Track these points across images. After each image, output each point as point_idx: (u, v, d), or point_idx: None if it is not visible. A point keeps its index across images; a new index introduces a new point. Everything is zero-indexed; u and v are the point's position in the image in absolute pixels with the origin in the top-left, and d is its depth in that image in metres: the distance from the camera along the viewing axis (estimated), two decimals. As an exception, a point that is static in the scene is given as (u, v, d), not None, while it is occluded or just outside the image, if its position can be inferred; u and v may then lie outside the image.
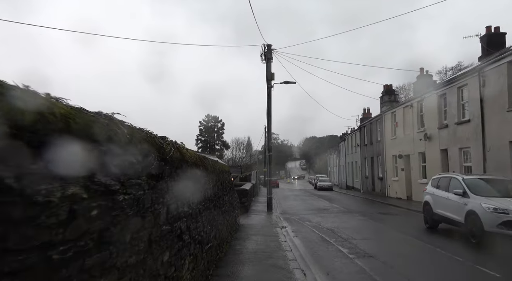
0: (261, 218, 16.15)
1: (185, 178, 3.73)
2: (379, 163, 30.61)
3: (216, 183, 6.75)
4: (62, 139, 1.52)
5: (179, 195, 3.57)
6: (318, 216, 15.99)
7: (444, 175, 12.24)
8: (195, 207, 4.54)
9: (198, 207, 4.76)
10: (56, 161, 1.49)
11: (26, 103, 1.34)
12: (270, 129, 19.72)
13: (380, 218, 15.20)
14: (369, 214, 16.91)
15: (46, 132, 1.45)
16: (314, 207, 21.23)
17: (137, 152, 2.41)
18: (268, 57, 19.66)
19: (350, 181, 43.86)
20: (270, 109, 19.62)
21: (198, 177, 4.71)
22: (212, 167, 6.12)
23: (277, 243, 9.32)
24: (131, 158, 2.31)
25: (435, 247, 9.06)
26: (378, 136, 30.84)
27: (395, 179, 26.37)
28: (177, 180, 3.45)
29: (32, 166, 1.39)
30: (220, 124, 67.41)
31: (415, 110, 22.83)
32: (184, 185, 3.66)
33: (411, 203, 21.19)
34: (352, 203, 24.69)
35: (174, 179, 3.36)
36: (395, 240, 10.29)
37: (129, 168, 2.26)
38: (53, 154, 1.47)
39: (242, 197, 18.75)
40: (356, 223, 14.26)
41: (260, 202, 25.35)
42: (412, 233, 11.39)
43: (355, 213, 17.23)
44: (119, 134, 2.11)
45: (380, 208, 20.51)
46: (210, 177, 5.99)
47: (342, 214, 16.95)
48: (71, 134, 1.60)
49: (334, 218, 15.47)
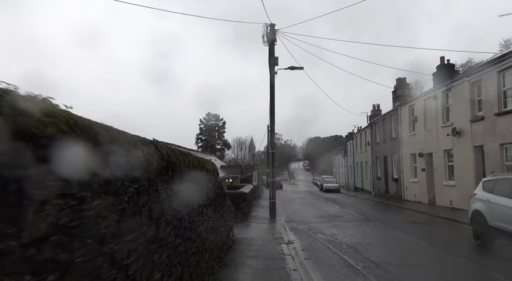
0: (263, 228, 13.35)
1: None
2: (393, 163, 27.70)
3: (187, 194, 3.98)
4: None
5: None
6: (332, 226, 13.16)
7: (503, 177, 9.33)
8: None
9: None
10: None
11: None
12: (274, 123, 16.93)
13: (409, 230, 12.34)
14: (393, 224, 14.04)
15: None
16: (324, 213, 18.39)
17: None
18: (271, 38, 16.90)
19: (359, 182, 40.93)
20: (273, 100, 16.83)
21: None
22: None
23: (284, 273, 6.52)
24: None
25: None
26: (392, 133, 27.93)
27: (414, 181, 23.46)
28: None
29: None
30: (221, 122, 64.49)
31: (439, 102, 19.93)
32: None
33: (436, 209, 18.29)
34: (367, 208, 21.79)
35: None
36: (447, 265, 7.42)
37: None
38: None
39: (240, 201, 16.00)
40: (382, 236, 11.41)
41: (262, 206, 22.56)
42: (464, 254, 8.53)
43: (375, 222, 14.37)
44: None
45: (401, 214, 17.62)
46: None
47: (360, 223, 14.10)
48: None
49: (352, 228, 12.64)
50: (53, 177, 1.56)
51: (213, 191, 6.56)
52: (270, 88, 16.85)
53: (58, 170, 1.57)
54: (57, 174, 1.58)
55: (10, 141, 1.29)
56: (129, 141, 2.59)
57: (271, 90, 16.83)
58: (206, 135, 65.18)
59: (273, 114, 16.83)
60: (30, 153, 1.42)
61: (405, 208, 19.96)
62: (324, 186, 42.94)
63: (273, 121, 16.94)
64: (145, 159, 2.80)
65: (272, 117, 16.79)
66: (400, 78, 32.66)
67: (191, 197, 4.36)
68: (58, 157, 1.56)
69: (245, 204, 16.10)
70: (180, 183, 3.77)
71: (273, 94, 16.84)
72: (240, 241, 9.88)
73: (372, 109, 42.62)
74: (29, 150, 1.42)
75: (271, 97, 16.86)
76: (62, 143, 1.61)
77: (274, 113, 16.83)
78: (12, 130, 1.31)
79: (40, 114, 1.50)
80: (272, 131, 17.02)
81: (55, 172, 1.56)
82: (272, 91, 16.84)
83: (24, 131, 1.39)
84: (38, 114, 1.47)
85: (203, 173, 5.46)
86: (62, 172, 1.60)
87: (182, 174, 3.87)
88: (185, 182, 3.97)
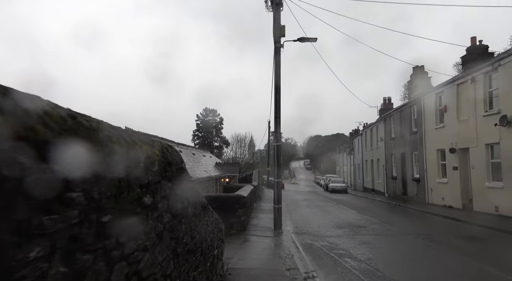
0: (266, 245, 9.83)
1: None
2: (414, 160, 24.17)
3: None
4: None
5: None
6: (360, 243, 9.63)
7: None
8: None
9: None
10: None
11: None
12: (279, 108, 13.39)
13: (472, 251, 8.80)
14: (442, 240, 10.43)
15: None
16: (340, 220, 14.87)
17: None
18: (277, 1, 13.38)
19: (368, 182, 37.39)
20: (278, 78, 13.30)
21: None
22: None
23: None
24: None
25: None
26: (412, 126, 24.39)
27: (442, 181, 19.94)
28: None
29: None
30: (218, 118, 60.79)
31: (479, 86, 16.41)
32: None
33: (479, 216, 14.77)
34: (390, 214, 18.24)
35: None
36: None
37: None
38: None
39: (237, 207, 12.50)
40: (445, 267, 7.83)
41: (263, 210, 19.03)
42: None
43: (416, 237, 10.79)
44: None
45: (440, 224, 14.07)
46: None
47: (396, 240, 10.55)
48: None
49: (391, 248, 9.12)
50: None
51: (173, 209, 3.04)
52: (275, 65, 13.34)
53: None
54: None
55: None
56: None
57: (276, 68, 13.32)
58: (203, 132, 61.58)
59: (279, 95, 13.32)
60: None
61: (437, 215, 16.42)
62: (330, 186, 39.43)
63: (279, 106, 13.41)
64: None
65: (277, 98, 13.29)
66: (418, 66, 29.26)
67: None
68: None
69: (243, 211, 12.59)
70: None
71: (278, 72, 13.32)
72: (233, 275, 6.37)
73: (383, 103, 39.26)
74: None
75: (275, 76, 13.34)
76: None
77: (279, 95, 13.31)
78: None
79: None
80: (278, 118, 13.47)
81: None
82: (278, 68, 13.33)
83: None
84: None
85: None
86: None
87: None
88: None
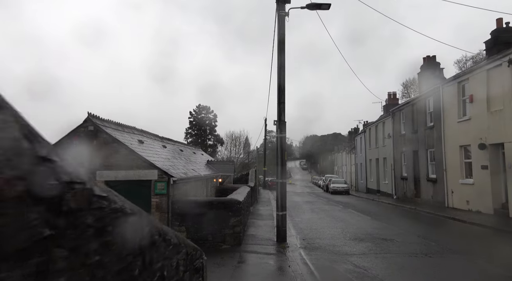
0: (269, 272, 7.11)
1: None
2: (429, 159, 21.57)
3: None
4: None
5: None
6: (400, 268, 6.94)
7: None
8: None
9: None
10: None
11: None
12: (283, 90, 10.67)
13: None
14: (504, 261, 7.82)
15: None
16: (357, 230, 12.18)
17: None
18: (281, -43, 10.66)
19: (373, 183, 34.79)
20: (283, 54, 10.60)
21: None
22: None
23: None
24: None
25: None
26: (428, 121, 21.79)
27: (467, 182, 17.36)
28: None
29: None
30: (212, 115, 57.81)
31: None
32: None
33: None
34: (411, 221, 15.57)
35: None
36: None
37: None
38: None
39: (231, 215, 9.85)
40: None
41: (261, 215, 16.35)
42: None
43: (470, 258, 8.12)
44: None
45: (483, 236, 11.42)
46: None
47: (445, 262, 7.83)
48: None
49: (443, 276, 6.46)
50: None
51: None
52: (279, 37, 10.62)
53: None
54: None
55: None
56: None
57: (280, 45, 10.61)
58: (196, 130, 58.66)
59: (283, 72, 10.61)
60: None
61: (469, 223, 13.77)
62: (331, 187, 36.75)
63: (283, 88, 10.69)
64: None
65: (281, 75, 10.59)
66: (429, 56, 26.72)
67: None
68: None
69: (238, 220, 9.86)
70: None
71: (283, 45, 10.62)
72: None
73: (388, 98, 36.76)
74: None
75: (279, 51, 10.63)
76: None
77: (284, 73, 10.59)
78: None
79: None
80: (282, 104, 10.74)
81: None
82: (282, 43, 10.62)
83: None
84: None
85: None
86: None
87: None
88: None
